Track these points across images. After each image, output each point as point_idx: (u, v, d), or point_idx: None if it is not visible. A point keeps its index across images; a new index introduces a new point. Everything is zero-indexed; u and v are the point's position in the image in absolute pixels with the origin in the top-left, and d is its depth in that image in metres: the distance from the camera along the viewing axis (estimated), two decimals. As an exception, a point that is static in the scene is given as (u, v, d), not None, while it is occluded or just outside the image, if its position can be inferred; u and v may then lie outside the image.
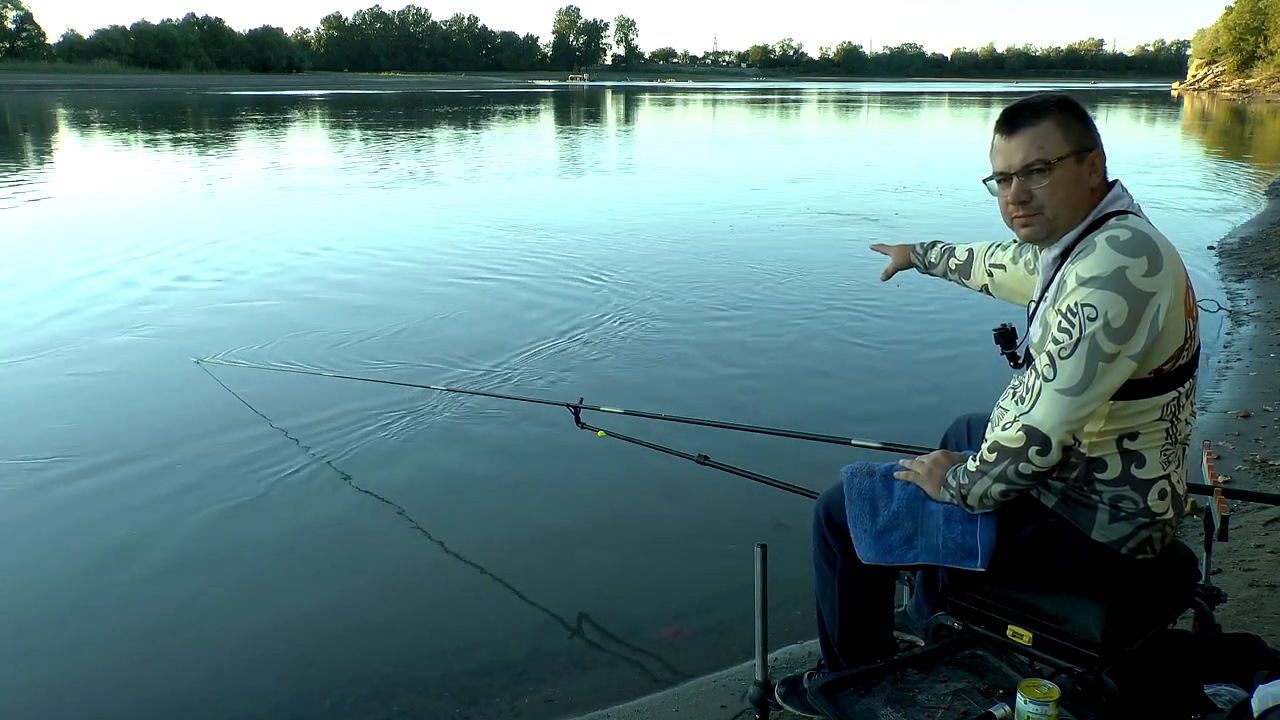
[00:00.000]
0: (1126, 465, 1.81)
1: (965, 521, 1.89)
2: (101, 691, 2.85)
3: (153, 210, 13.07)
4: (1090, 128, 1.85)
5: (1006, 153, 1.86)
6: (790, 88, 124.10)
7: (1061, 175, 1.82)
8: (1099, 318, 1.69)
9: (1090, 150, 1.83)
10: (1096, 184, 1.84)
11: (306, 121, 37.45)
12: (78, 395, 5.30)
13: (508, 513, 3.99)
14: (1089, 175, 1.83)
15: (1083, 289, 1.71)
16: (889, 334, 6.73)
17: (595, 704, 2.75)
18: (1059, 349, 1.73)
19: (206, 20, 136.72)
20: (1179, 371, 1.78)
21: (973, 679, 1.78)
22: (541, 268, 8.86)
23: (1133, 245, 1.71)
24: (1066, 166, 1.81)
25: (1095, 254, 1.72)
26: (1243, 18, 71.76)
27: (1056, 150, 1.81)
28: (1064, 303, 1.74)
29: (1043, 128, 1.82)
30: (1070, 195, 1.82)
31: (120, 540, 3.70)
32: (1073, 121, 1.84)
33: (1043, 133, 1.82)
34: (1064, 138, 1.82)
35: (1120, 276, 1.69)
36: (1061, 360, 1.73)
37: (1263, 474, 3.97)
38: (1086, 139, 1.84)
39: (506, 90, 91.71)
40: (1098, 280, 1.70)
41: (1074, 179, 1.82)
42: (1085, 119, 1.85)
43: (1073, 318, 1.72)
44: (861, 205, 13.38)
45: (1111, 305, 1.68)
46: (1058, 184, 1.82)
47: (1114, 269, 1.69)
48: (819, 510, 2.07)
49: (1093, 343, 1.70)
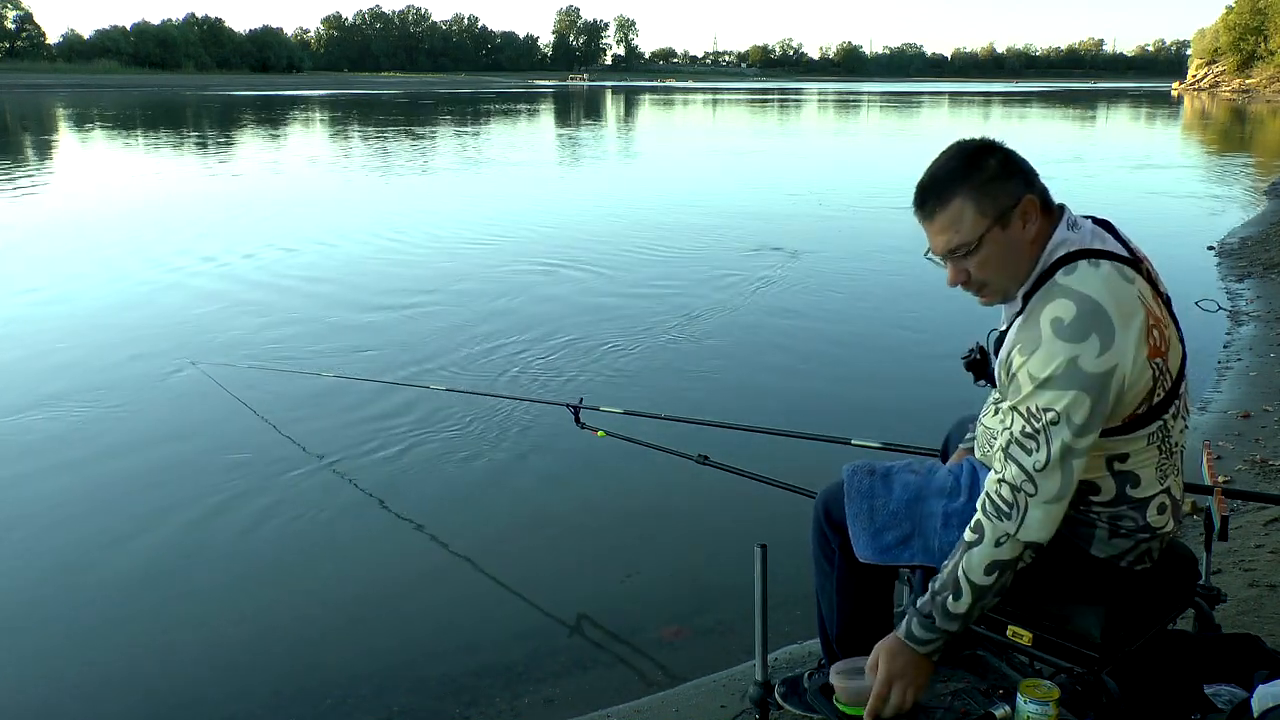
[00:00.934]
0: (1121, 486, 1.76)
1: (961, 528, 1.89)
2: (101, 691, 2.85)
3: (150, 210, 13.08)
4: (1012, 176, 1.71)
5: (929, 235, 1.76)
6: (790, 88, 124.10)
7: (990, 250, 1.70)
8: (1062, 420, 1.62)
9: (1014, 206, 1.69)
10: (1034, 235, 1.71)
11: (307, 122, 37.45)
12: (73, 396, 5.29)
13: (507, 513, 3.99)
14: (1022, 230, 1.70)
15: (1038, 392, 1.63)
16: (889, 334, 6.74)
17: (595, 704, 2.75)
18: (1032, 463, 1.65)
19: (206, 20, 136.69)
20: (1158, 406, 1.71)
21: (973, 679, 1.78)
22: (541, 267, 8.86)
23: (1079, 327, 1.60)
24: (993, 238, 1.70)
25: (1043, 348, 1.62)
26: (1243, 18, 71.73)
27: (974, 229, 1.69)
28: (1022, 404, 1.66)
29: (954, 207, 1.70)
30: (1008, 261, 1.71)
31: (119, 540, 3.70)
32: (985, 186, 1.69)
33: (954, 215, 1.70)
34: (978, 211, 1.69)
35: (1073, 370, 1.60)
36: (1038, 473, 1.65)
37: (1263, 474, 3.97)
38: (1005, 196, 1.69)
39: (507, 90, 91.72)
40: (1052, 381, 1.61)
41: (1005, 246, 1.70)
42: (1000, 173, 1.71)
43: (1036, 424, 1.64)
44: (866, 206, 13.38)
45: (1072, 405, 1.61)
46: (989, 259, 1.71)
47: (1065, 364, 1.60)
48: (818, 506, 2.06)
49: (1064, 447, 1.63)
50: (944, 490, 1.93)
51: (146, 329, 6.74)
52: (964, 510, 1.89)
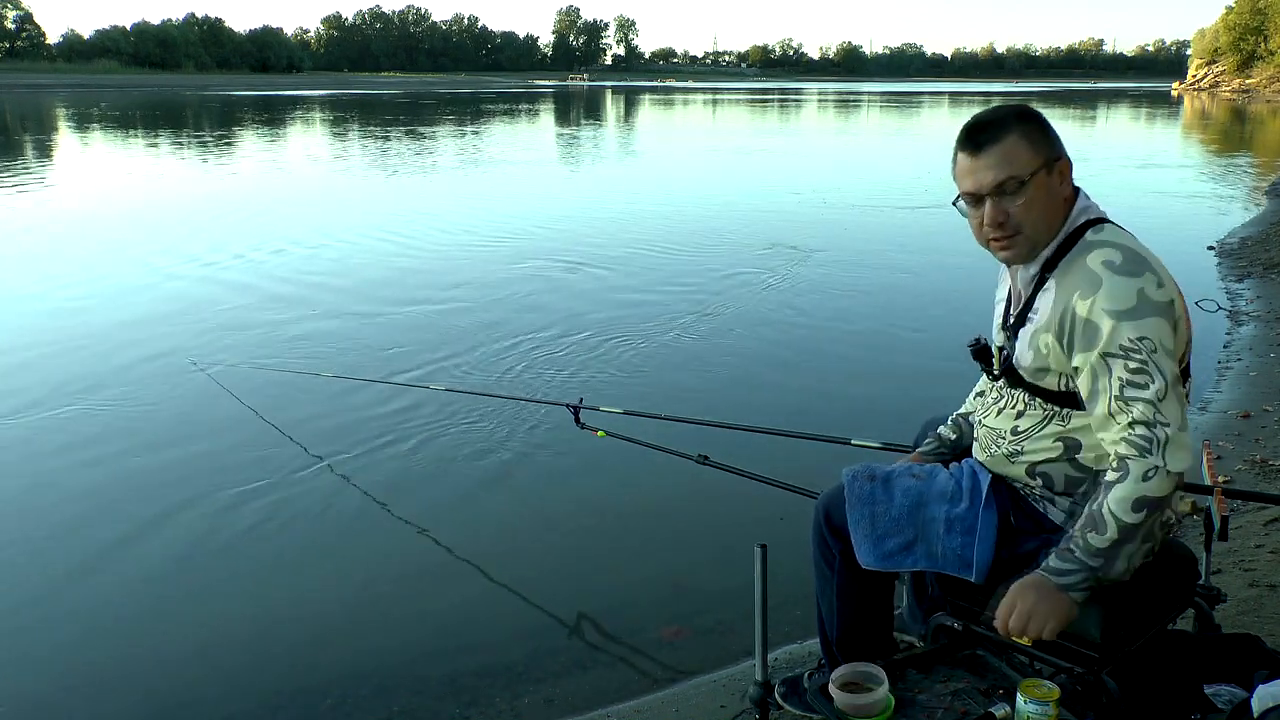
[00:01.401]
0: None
1: (965, 534, 1.88)
2: (101, 691, 2.85)
3: (149, 210, 13.08)
4: (1053, 136, 1.79)
5: (975, 172, 1.77)
6: (790, 88, 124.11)
7: (1036, 191, 1.75)
8: (1158, 346, 1.63)
9: (1058, 159, 1.78)
10: (1068, 193, 1.80)
11: (309, 122, 37.45)
12: (73, 396, 5.28)
13: (507, 513, 3.99)
14: (1059, 185, 1.78)
15: (1123, 324, 1.64)
16: (890, 333, 6.73)
17: (595, 704, 2.75)
18: (1154, 393, 1.62)
19: (206, 20, 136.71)
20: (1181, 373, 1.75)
21: (973, 679, 1.78)
22: (541, 267, 8.86)
23: (1131, 264, 1.68)
24: (1039, 180, 1.75)
25: (1106, 284, 1.66)
26: (1243, 18, 71.73)
27: (1028, 165, 1.74)
28: (1113, 342, 1.65)
29: (1009, 143, 1.75)
30: (1046, 210, 1.77)
31: (118, 540, 3.70)
32: (1037, 132, 1.77)
33: (1010, 148, 1.75)
34: (1032, 150, 1.75)
35: (1144, 299, 1.65)
36: (1162, 402, 1.63)
37: (1263, 474, 3.97)
38: (1053, 149, 1.78)
39: (507, 90, 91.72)
40: (1132, 311, 1.64)
41: (1048, 192, 1.76)
42: (1048, 127, 1.79)
43: (1138, 357, 1.63)
44: (864, 204, 13.39)
45: (1158, 330, 1.64)
46: (1033, 200, 1.75)
47: (1136, 294, 1.65)
48: (819, 511, 2.06)
49: (1170, 373, 1.64)
50: (946, 495, 1.93)
51: (146, 329, 6.73)
52: (966, 514, 1.89)
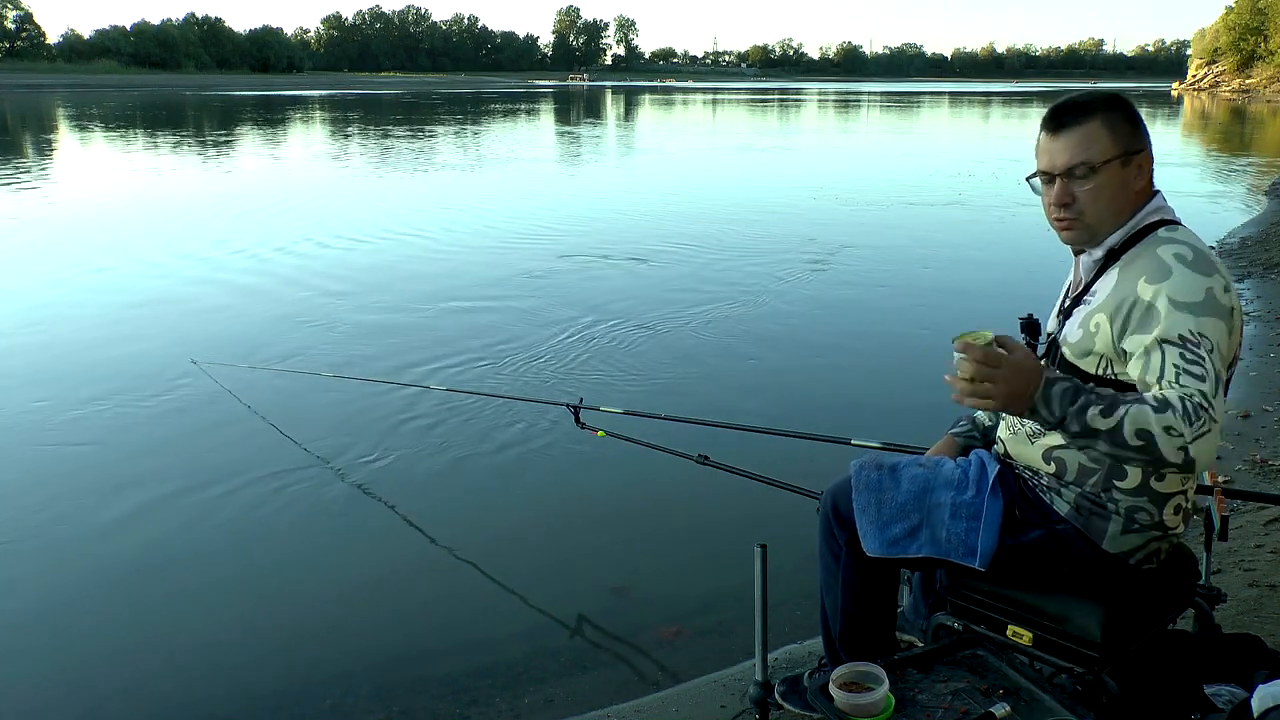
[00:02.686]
0: (1146, 477, 1.77)
1: (971, 519, 1.89)
2: (100, 690, 2.85)
3: (151, 209, 13.08)
4: (1139, 129, 1.79)
5: (1051, 152, 1.79)
6: (790, 88, 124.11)
7: (1106, 179, 1.76)
8: (1215, 347, 1.62)
9: (1138, 153, 1.78)
10: (1141, 187, 1.79)
11: (313, 122, 37.46)
12: (72, 394, 5.28)
13: (507, 513, 3.99)
14: (1134, 179, 1.78)
15: (1185, 315, 1.63)
16: (890, 333, 6.74)
17: (595, 704, 2.75)
18: (1208, 389, 1.59)
19: (206, 20, 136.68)
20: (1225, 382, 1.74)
21: (973, 679, 1.78)
22: (541, 267, 8.86)
23: (1203, 263, 1.68)
24: (1112, 170, 1.76)
25: (1176, 275, 1.66)
26: (1243, 18, 71.75)
27: (1103, 153, 1.75)
28: (1173, 330, 1.63)
29: (1089, 128, 1.76)
30: (1114, 200, 1.77)
31: (117, 539, 3.70)
32: (1121, 122, 1.77)
33: (1089, 133, 1.76)
34: (1111, 139, 1.76)
35: (1211, 299, 1.65)
36: (1215, 399, 1.59)
37: (1263, 474, 3.97)
38: (1135, 141, 1.78)
39: (508, 90, 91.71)
40: (1197, 306, 1.64)
41: (1119, 183, 1.77)
42: (1135, 119, 1.79)
43: (1195, 350, 1.61)
44: (865, 203, 13.39)
45: (1216, 331, 1.64)
46: (1102, 188, 1.76)
47: (1204, 291, 1.65)
48: (826, 501, 2.06)
49: (1219, 375, 1.63)
50: (952, 482, 1.93)
51: (147, 327, 6.74)
52: (973, 502, 1.89)
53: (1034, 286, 7.27)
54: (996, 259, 9.61)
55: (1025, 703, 1.68)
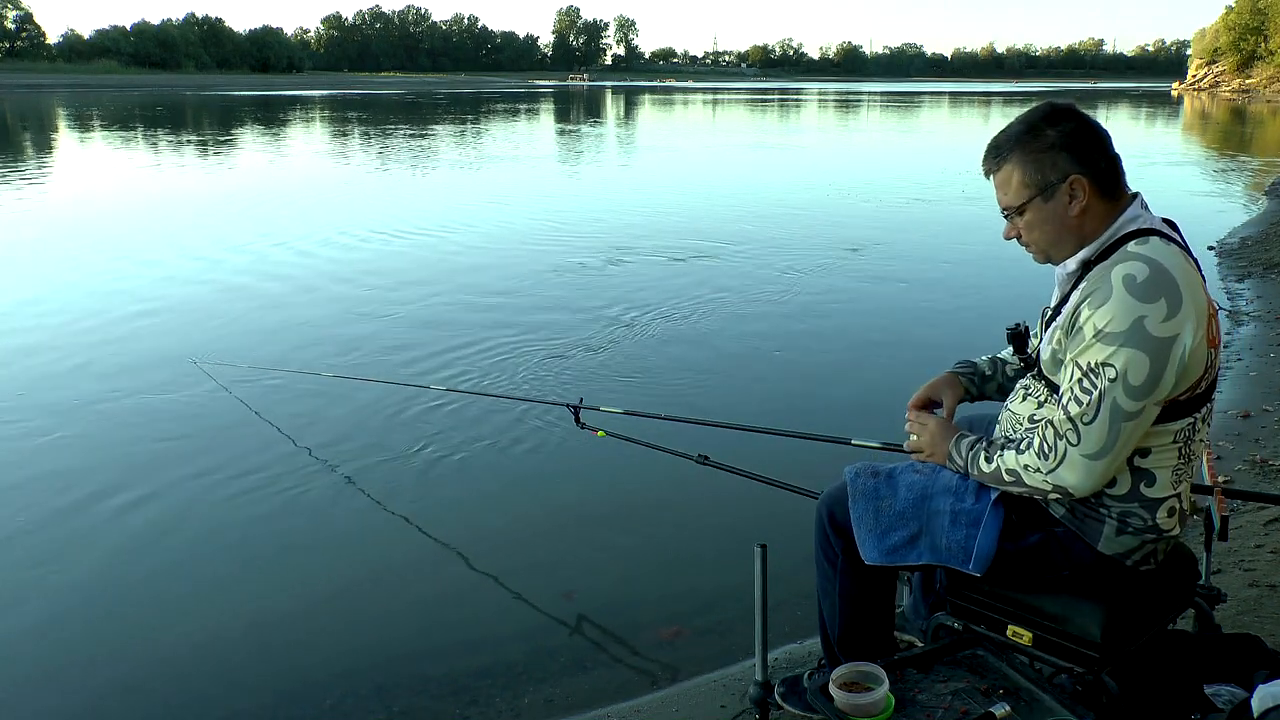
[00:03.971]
0: (1136, 483, 1.78)
1: (970, 525, 1.88)
2: (100, 690, 2.85)
3: (152, 208, 13.08)
4: (1061, 150, 1.75)
5: (996, 190, 1.87)
6: (790, 88, 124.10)
7: (1033, 217, 1.80)
8: (1119, 378, 1.64)
9: (1060, 182, 1.75)
10: (1081, 210, 1.75)
11: (315, 122, 37.45)
12: (72, 394, 5.28)
13: (507, 513, 3.99)
14: (1067, 206, 1.76)
15: (1100, 345, 1.65)
16: (890, 333, 6.74)
17: (595, 704, 2.75)
18: (1080, 413, 1.68)
19: (206, 20, 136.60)
20: (1195, 399, 1.74)
21: (973, 679, 1.78)
22: (541, 267, 8.86)
23: (1149, 287, 1.64)
24: (1034, 208, 1.79)
25: (1111, 300, 1.65)
26: (1243, 18, 71.72)
27: (1018, 196, 1.80)
28: (1082, 356, 1.68)
29: (1004, 173, 1.82)
30: (1051, 231, 1.79)
31: (117, 539, 3.70)
32: (1036, 156, 1.76)
33: (1004, 179, 1.82)
34: (1023, 181, 1.78)
35: (1138, 329, 1.62)
36: (1085, 425, 1.68)
37: (1263, 474, 3.97)
38: (1053, 172, 1.75)
39: (508, 90, 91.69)
40: (1115, 336, 1.64)
41: (1046, 217, 1.78)
42: (1056, 143, 1.75)
43: (1093, 378, 1.66)
44: (867, 202, 13.39)
45: (1131, 362, 1.63)
46: (1031, 225, 1.81)
47: (1131, 321, 1.63)
48: (821, 509, 2.06)
49: (1114, 406, 1.65)
50: (950, 489, 1.93)
51: (148, 327, 6.73)
52: (972, 509, 1.89)
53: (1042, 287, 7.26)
54: (1007, 254, 9.60)
55: (1025, 703, 1.69)
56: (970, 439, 1.91)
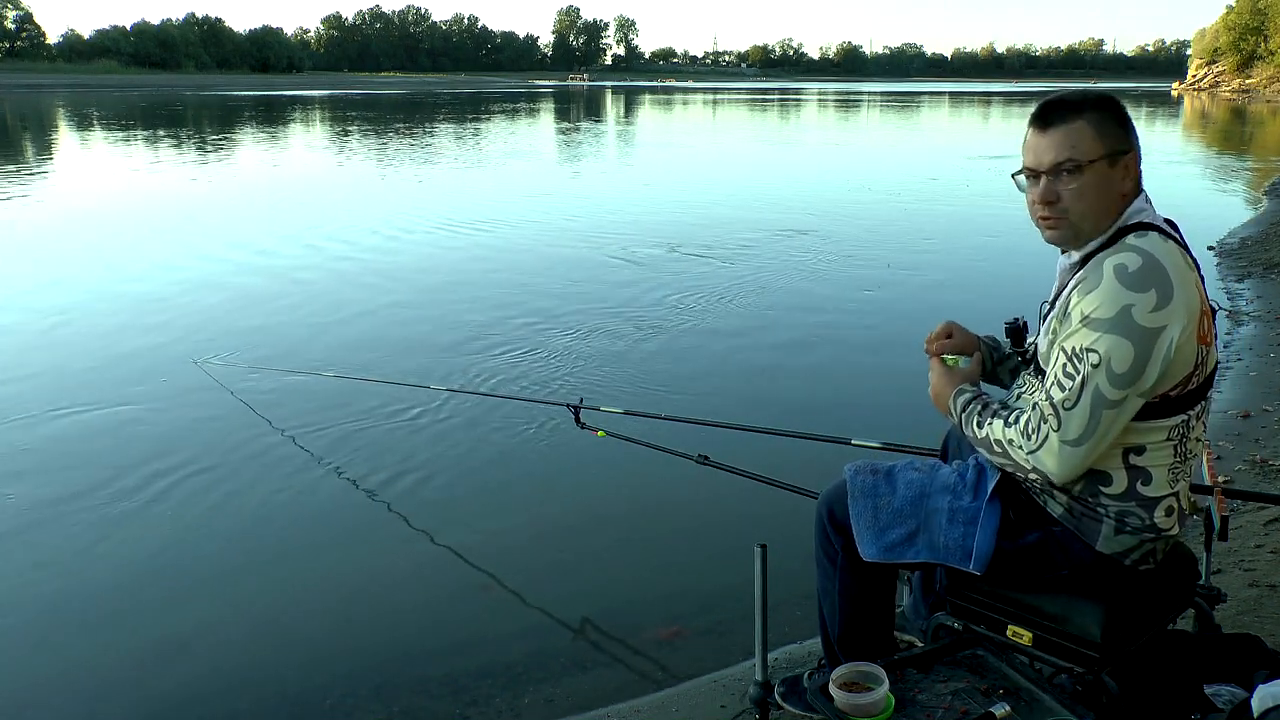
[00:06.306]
0: (1132, 482, 1.77)
1: (968, 524, 1.88)
2: (100, 690, 2.85)
3: (152, 208, 13.08)
4: (1128, 129, 1.78)
5: (1038, 149, 1.78)
6: (791, 88, 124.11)
7: (1091, 179, 1.74)
8: (1102, 364, 1.64)
9: (1125, 153, 1.76)
10: (1128, 189, 1.77)
11: (316, 123, 37.45)
12: (73, 393, 5.28)
13: (508, 513, 3.99)
14: (1121, 180, 1.76)
15: (1085, 331, 1.66)
16: (890, 333, 6.73)
17: (595, 704, 2.75)
18: (1064, 398, 1.68)
19: (206, 20, 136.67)
20: (1187, 396, 1.73)
21: (973, 679, 1.78)
22: (542, 267, 8.86)
23: (1140, 277, 1.64)
24: (1098, 170, 1.74)
25: (1100, 288, 1.65)
26: (1243, 18, 71.70)
27: (1089, 151, 1.73)
28: (1067, 341, 1.69)
29: (1077, 126, 1.74)
30: (1099, 200, 1.75)
31: (116, 539, 3.70)
32: (1109, 122, 1.76)
33: (1076, 131, 1.74)
34: (1098, 138, 1.74)
35: (1125, 317, 1.63)
36: (1066, 411, 1.68)
37: (1263, 474, 3.97)
38: (1122, 141, 1.76)
39: (509, 90, 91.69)
40: (1101, 323, 1.64)
41: (1104, 183, 1.75)
42: (1124, 120, 1.78)
43: (1077, 363, 1.67)
44: (869, 200, 13.39)
45: (1115, 350, 1.63)
46: (1087, 188, 1.74)
47: (1118, 309, 1.63)
48: (821, 507, 2.06)
49: (1096, 393, 1.65)
50: (948, 487, 1.93)
51: (148, 327, 6.73)
52: (970, 507, 1.89)
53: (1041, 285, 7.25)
54: (1007, 254, 9.60)
55: (1025, 703, 1.69)
56: (968, 395, 1.92)
